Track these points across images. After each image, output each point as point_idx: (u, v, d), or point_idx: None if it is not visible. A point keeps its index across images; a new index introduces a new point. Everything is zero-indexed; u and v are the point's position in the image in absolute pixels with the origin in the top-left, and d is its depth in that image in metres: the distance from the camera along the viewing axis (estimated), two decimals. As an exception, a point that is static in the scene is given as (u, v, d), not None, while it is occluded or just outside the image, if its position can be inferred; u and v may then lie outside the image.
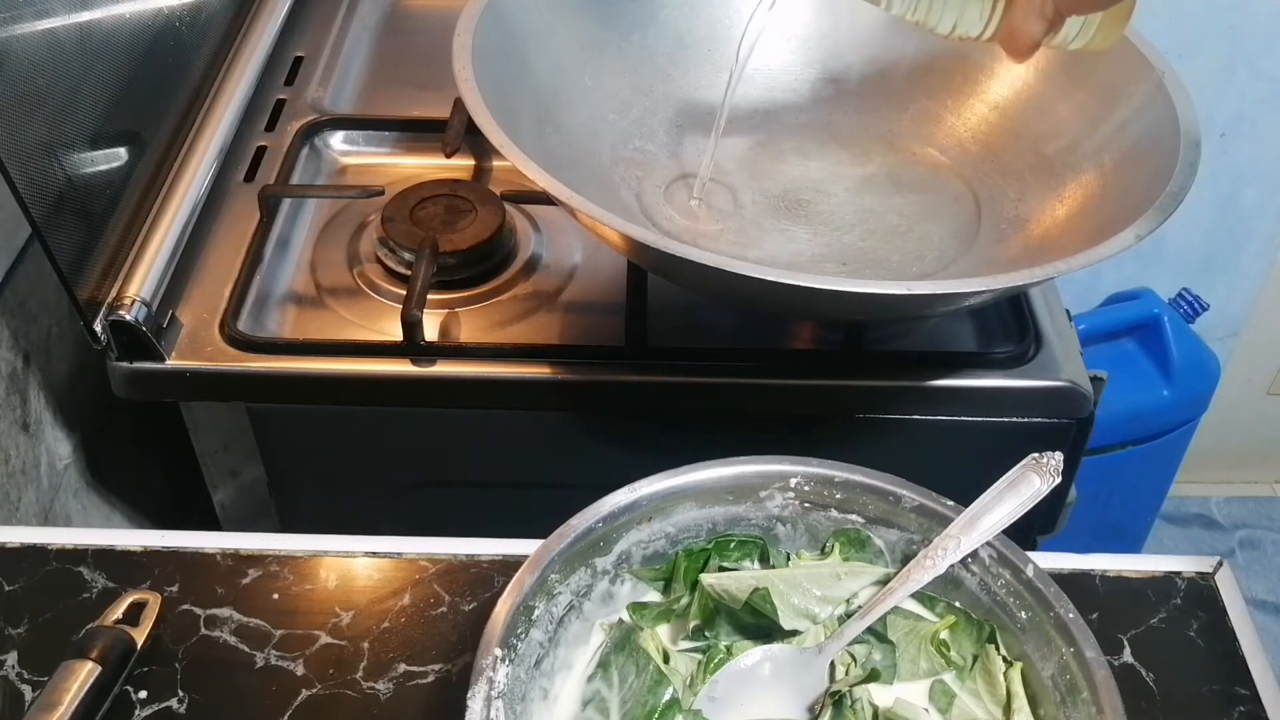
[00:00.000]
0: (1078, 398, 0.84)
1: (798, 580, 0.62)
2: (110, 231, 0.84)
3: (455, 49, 0.78)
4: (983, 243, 0.85)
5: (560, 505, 0.60)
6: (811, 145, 0.93)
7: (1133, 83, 0.83)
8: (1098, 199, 0.81)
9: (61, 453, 0.93)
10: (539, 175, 0.71)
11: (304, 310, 0.89)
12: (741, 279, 0.67)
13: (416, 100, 1.06)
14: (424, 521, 0.75)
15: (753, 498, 0.63)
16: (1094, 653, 0.55)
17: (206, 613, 0.68)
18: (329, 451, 0.90)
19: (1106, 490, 1.49)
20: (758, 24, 0.81)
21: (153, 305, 0.83)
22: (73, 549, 0.71)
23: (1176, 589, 0.70)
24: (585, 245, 0.94)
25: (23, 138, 0.74)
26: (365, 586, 0.70)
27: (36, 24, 0.78)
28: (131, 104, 0.89)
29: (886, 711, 0.58)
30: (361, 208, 0.95)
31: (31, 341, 0.88)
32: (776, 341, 0.88)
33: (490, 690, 0.53)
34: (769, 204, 0.89)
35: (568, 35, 0.89)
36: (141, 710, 0.64)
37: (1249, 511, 1.96)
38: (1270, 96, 1.49)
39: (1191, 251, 1.62)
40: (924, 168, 0.92)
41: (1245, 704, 0.65)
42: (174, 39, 0.97)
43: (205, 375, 0.83)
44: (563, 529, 0.59)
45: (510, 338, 0.87)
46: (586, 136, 0.88)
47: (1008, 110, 0.91)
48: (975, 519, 0.60)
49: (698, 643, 0.61)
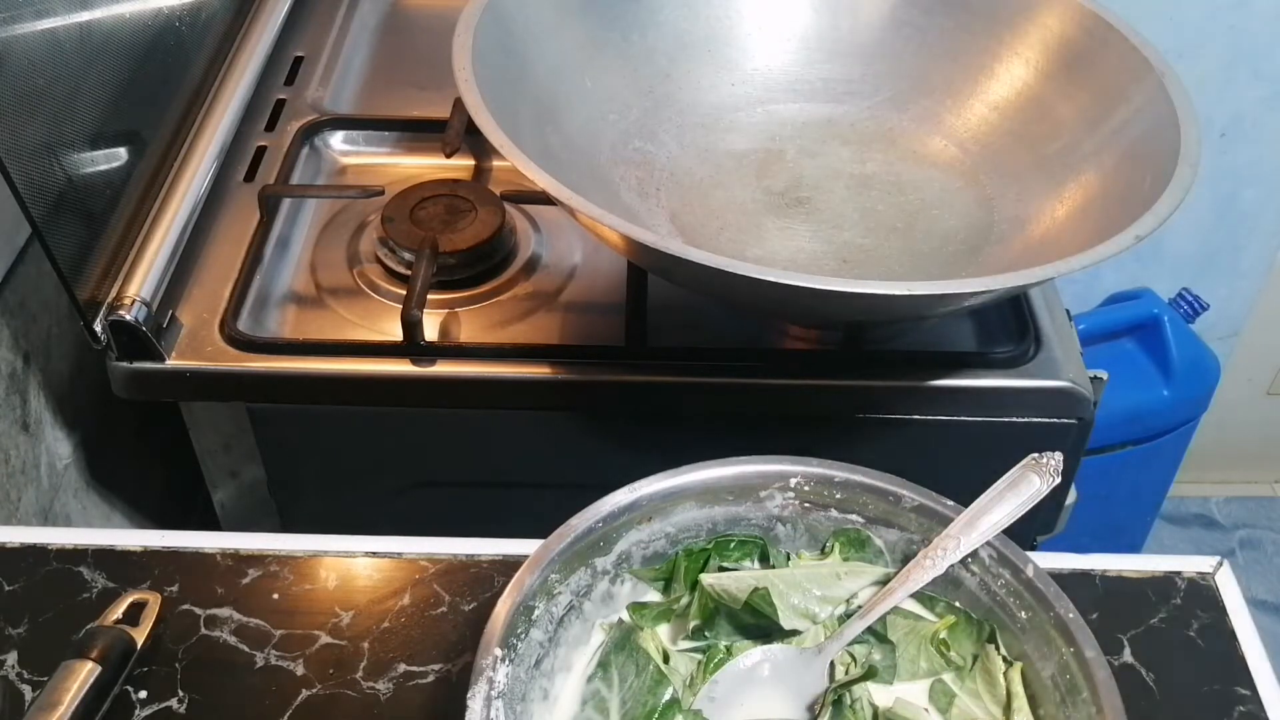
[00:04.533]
0: (1078, 398, 0.84)
1: (798, 580, 0.62)
2: (110, 231, 0.84)
3: (455, 49, 0.78)
4: (983, 242, 0.85)
5: (560, 505, 0.60)
6: (812, 144, 0.93)
7: (1133, 83, 0.83)
8: (1098, 199, 0.81)
9: (61, 453, 0.93)
10: (539, 175, 0.71)
11: (304, 310, 0.89)
12: (741, 279, 0.67)
13: (416, 100, 1.06)
14: (424, 521, 0.75)
15: (753, 498, 0.63)
16: (1094, 653, 0.55)
17: (206, 613, 0.68)
18: (329, 451, 0.90)
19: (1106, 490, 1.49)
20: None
21: (153, 305, 0.83)
22: (73, 549, 0.71)
23: (1176, 589, 0.70)
24: (585, 245, 0.94)
25: (23, 138, 0.74)
26: (365, 586, 0.70)
27: (36, 24, 0.78)
28: (131, 104, 0.89)
29: (886, 711, 0.58)
30: (361, 208, 0.95)
31: (31, 341, 0.88)
32: (776, 341, 0.88)
33: (490, 690, 0.53)
34: (769, 202, 0.89)
35: (568, 35, 0.89)
36: (141, 710, 0.64)
37: (1249, 511, 1.96)
38: (1270, 96, 1.49)
39: (1191, 251, 1.62)
40: (924, 167, 0.92)
41: (1245, 704, 0.65)
42: (174, 39, 0.97)
43: (205, 375, 0.83)
44: (563, 529, 0.59)
45: (510, 338, 0.87)
46: (586, 136, 0.88)
47: (1008, 110, 0.91)
48: (975, 519, 0.60)
49: (698, 643, 0.61)
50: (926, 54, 0.94)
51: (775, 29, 0.96)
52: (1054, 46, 0.89)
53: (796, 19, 0.96)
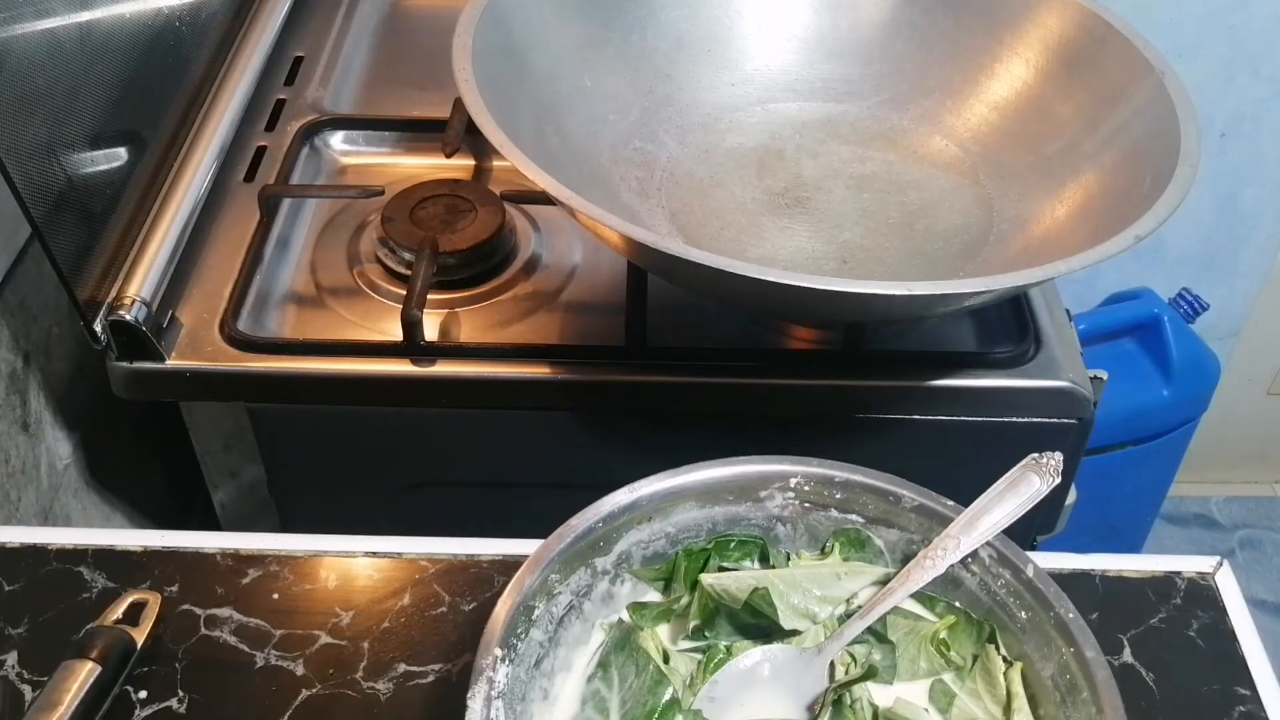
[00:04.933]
0: (1078, 398, 0.84)
1: (798, 580, 0.62)
2: (110, 231, 0.84)
3: (455, 49, 0.78)
4: (983, 242, 0.85)
5: (560, 505, 0.60)
6: (811, 143, 0.93)
7: (1133, 83, 0.82)
8: (1098, 199, 0.81)
9: (61, 453, 0.93)
10: (539, 175, 0.71)
11: (304, 310, 0.89)
12: (741, 279, 0.67)
13: (416, 100, 1.06)
14: (424, 521, 0.75)
15: (753, 498, 0.63)
16: (1094, 653, 0.55)
17: (206, 613, 0.68)
18: (329, 451, 0.90)
19: (1106, 490, 1.49)
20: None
21: (153, 305, 0.83)
22: (73, 549, 0.71)
23: (1176, 589, 0.70)
24: (585, 245, 0.94)
25: (23, 138, 0.74)
26: (365, 586, 0.70)
27: (36, 24, 0.78)
28: (131, 104, 0.89)
29: (886, 711, 0.58)
30: (361, 208, 0.95)
31: (31, 341, 0.88)
32: (776, 341, 0.88)
33: (490, 690, 0.53)
34: (769, 202, 0.89)
35: (568, 35, 0.89)
36: (141, 710, 0.64)
37: (1249, 511, 1.96)
38: (1270, 96, 1.49)
39: (1191, 251, 1.62)
40: (924, 167, 0.92)
41: (1245, 704, 0.65)
42: (174, 39, 0.97)
43: (205, 375, 0.83)
44: (563, 529, 0.59)
45: (510, 338, 0.87)
46: (586, 137, 0.88)
47: (1008, 110, 0.91)
48: (975, 519, 0.60)
49: (698, 643, 0.61)
50: (926, 54, 0.94)
51: (775, 29, 0.96)
52: (1054, 46, 0.89)
53: (796, 19, 0.96)
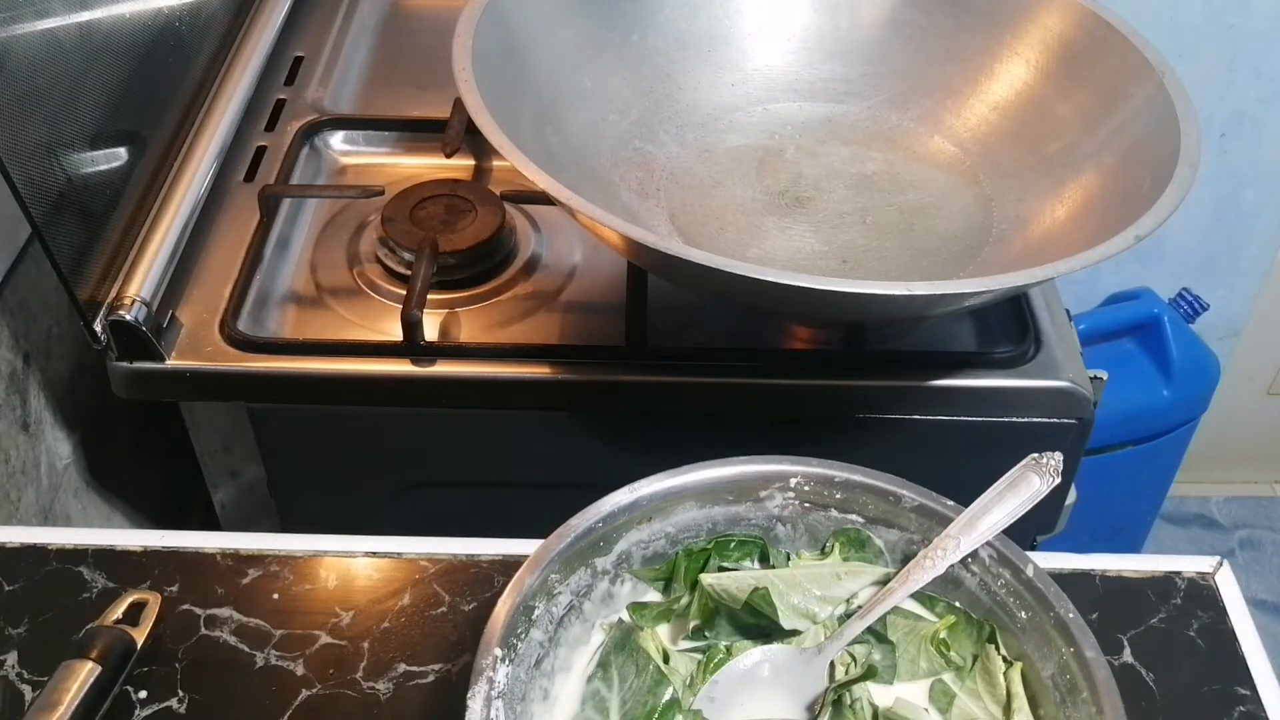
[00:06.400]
0: (1078, 398, 0.84)
1: (798, 580, 0.62)
2: (110, 231, 0.84)
3: (455, 49, 0.78)
4: (983, 242, 0.85)
5: (560, 505, 0.60)
6: (812, 143, 0.93)
7: (1133, 83, 0.82)
8: (1098, 199, 0.81)
9: (61, 453, 0.93)
10: (539, 176, 0.71)
11: (304, 310, 0.89)
12: (741, 279, 0.67)
13: (416, 100, 1.06)
14: (424, 521, 0.75)
15: (753, 498, 0.63)
16: (1094, 653, 0.55)
17: (206, 613, 0.68)
18: (329, 451, 0.90)
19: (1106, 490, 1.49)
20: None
21: (153, 305, 0.83)
22: (73, 549, 0.71)
23: (1176, 589, 0.70)
24: (585, 245, 0.94)
25: (23, 138, 0.74)
26: (365, 586, 0.70)
27: (36, 24, 0.78)
28: (131, 104, 0.89)
29: (886, 711, 0.58)
30: (361, 208, 0.95)
31: (31, 341, 0.88)
32: (776, 341, 0.88)
33: (490, 690, 0.53)
34: (769, 201, 0.89)
35: (568, 35, 0.89)
36: (141, 710, 0.64)
37: (1249, 511, 1.96)
38: (1270, 96, 1.49)
39: (1191, 251, 1.62)
40: (924, 167, 0.92)
41: (1245, 704, 0.65)
42: (174, 39, 0.97)
43: (205, 375, 0.83)
44: (563, 529, 0.59)
45: (510, 338, 0.87)
46: (586, 137, 0.88)
47: (1008, 110, 0.91)
48: (975, 519, 0.60)
49: (698, 643, 0.61)
50: (926, 54, 0.94)
51: (775, 29, 0.96)
52: (1054, 46, 0.89)
53: (796, 19, 0.96)
